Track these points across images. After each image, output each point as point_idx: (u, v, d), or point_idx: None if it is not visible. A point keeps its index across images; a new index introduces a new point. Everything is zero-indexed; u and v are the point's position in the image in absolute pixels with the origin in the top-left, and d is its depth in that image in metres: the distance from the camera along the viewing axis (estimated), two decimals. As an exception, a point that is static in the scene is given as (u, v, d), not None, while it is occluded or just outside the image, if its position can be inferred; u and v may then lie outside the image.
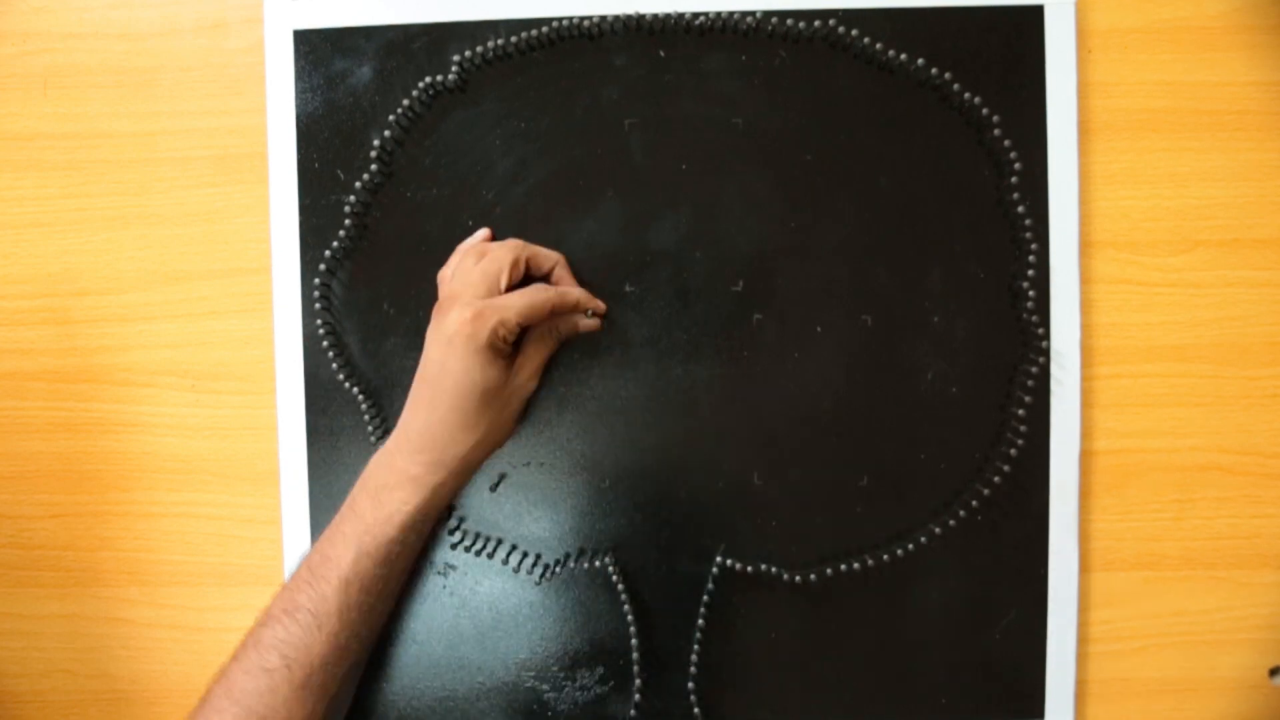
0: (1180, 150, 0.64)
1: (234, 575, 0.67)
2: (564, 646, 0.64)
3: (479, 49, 0.62)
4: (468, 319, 0.54)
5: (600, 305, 0.62)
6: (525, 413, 0.63)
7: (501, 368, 0.57)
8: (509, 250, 0.59)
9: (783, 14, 0.62)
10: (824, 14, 0.62)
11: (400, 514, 0.56)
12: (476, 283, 0.57)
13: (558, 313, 0.59)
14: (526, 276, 0.60)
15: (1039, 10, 0.62)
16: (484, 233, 0.63)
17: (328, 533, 0.57)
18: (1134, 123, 0.64)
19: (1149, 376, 0.65)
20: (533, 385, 0.60)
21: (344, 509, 0.57)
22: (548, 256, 0.61)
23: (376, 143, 0.63)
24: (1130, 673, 0.66)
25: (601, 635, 0.64)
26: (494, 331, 0.55)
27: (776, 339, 0.63)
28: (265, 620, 0.55)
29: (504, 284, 0.58)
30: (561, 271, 0.61)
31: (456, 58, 0.62)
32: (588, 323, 0.62)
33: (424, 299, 0.63)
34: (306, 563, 0.56)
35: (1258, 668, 0.65)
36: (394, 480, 0.56)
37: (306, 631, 0.54)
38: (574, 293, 0.60)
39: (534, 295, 0.57)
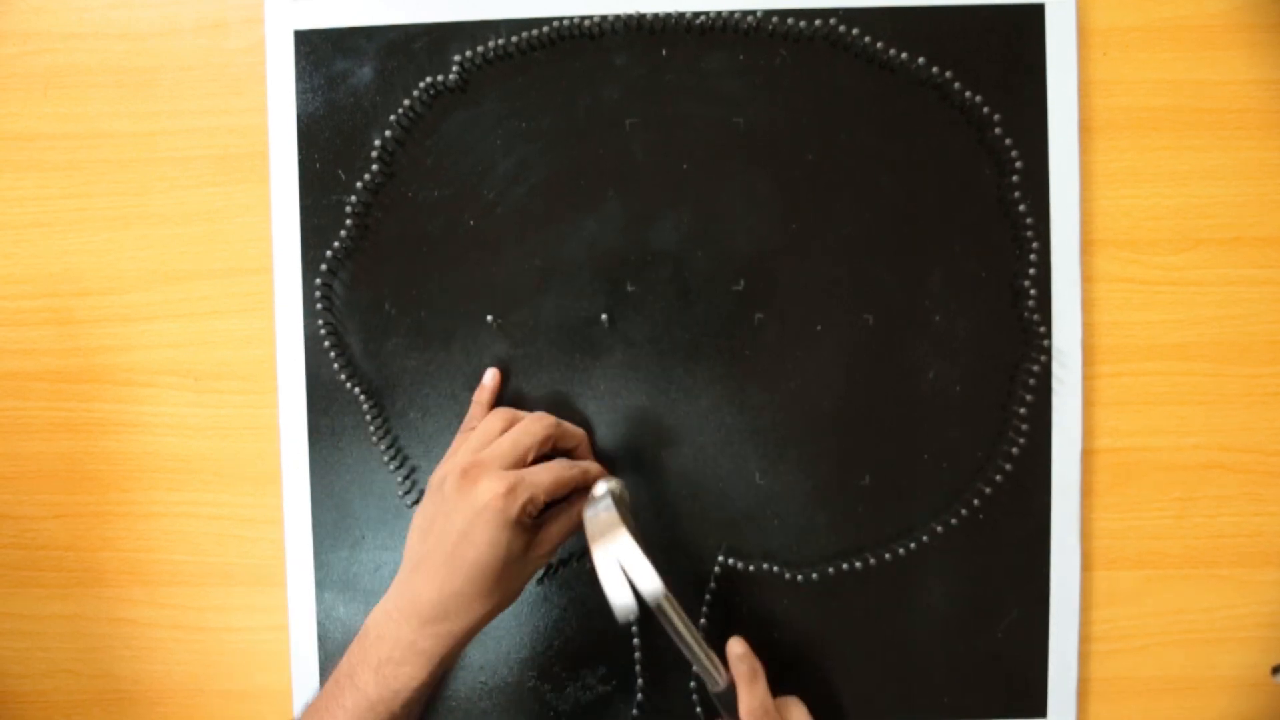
0: (1181, 149, 0.64)
1: (236, 575, 0.67)
2: (566, 646, 0.64)
3: (480, 49, 0.62)
4: (500, 493, 0.52)
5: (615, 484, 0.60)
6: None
7: (525, 541, 0.55)
8: (541, 426, 0.57)
9: (783, 13, 0.62)
10: (825, 13, 0.62)
11: (407, 690, 0.53)
12: (506, 453, 0.55)
13: (579, 490, 0.58)
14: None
15: (1040, 9, 0.62)
16: (496, 377, 0.63)
17: (323, 701, 0.54)
18: (1135, 121, 0.64)
19: (1150, 375, 0.65)
20: (546, 560, 0.58)
21: (340, 678, 0.54)
22: (574, 434, 0.60)
23: (377, 143, 0.63)
24: (1132, 671, 0.66)
25: (604, 635, 0.64)
26: (524, 508, 0.53)
27: (778, 338, 0.63)
28: None
29: (531, 459, 0.56)
30: (584, 450, 0.61)
31: (457, 58, 0.62)
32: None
33: (425, 299, 0.63)
34: None
35: (1260, 666, 0.65)
36: (400, 655, 0.53)
37: None
38: (594, 470, 0.59)
39: (561, 472, 0.56)
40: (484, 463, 0.54)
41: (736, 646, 0.57)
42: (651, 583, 0.50)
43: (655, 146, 0.63)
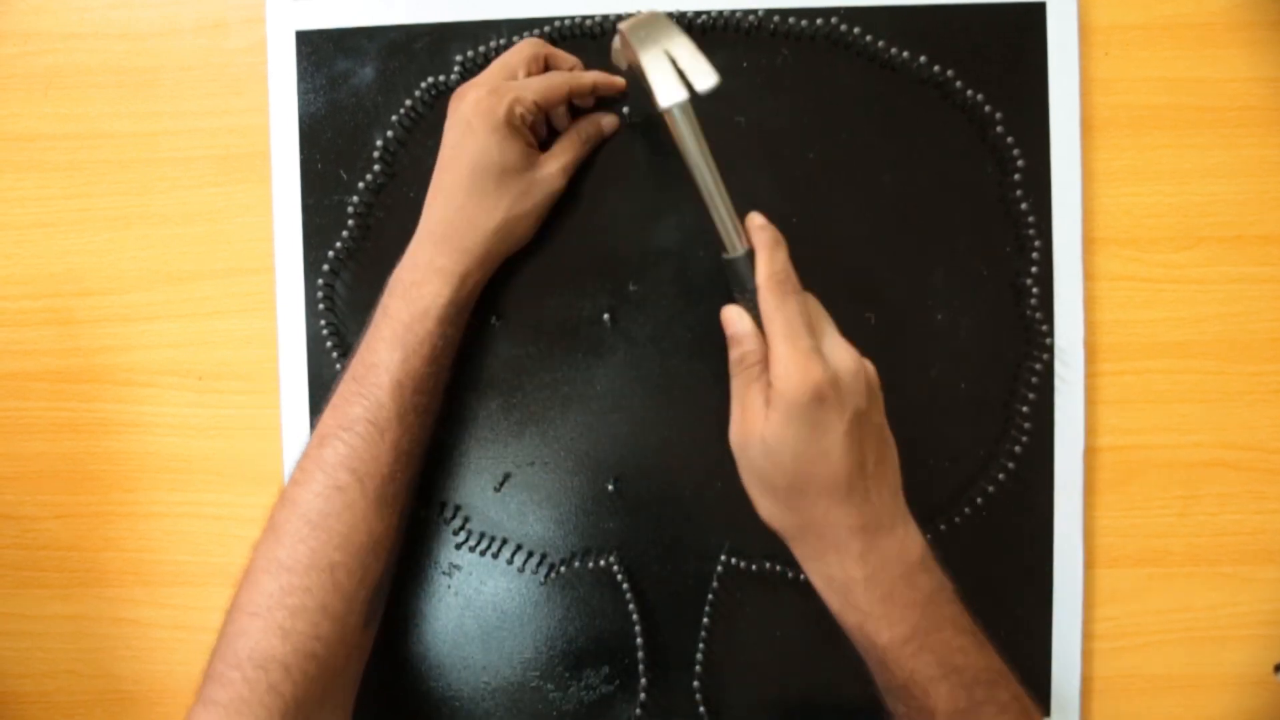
0: (1183, 147, 0.64)
1: (237, 576, 0.66)
2: (569, 646, 0.64)
3: (481, 49, 0.62)
4: (483, 95, 0.54)
5: (619, 83, 0.61)
6: (549, 220, 0.61)
7: (521, 149, 0.55)
8: (528, 45, 0.58)
9: (785, 12, 0.62)
10: (826, 12, 0.62)
11: (435, 306, 0.55)
12: (494, 72, 0.57)
13: (575, 96, 0.59)
14: None
15: (1041, 7, 0.62)
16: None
17: (363, 346, 0.55)
18: (1136, 119, 0.64)
19: (1152, 373, 0.65)
20: (558, 182, 0.59)
21: (375, 319, 0.56)
22: (565, 58, 0.60)
23: (379, 143, 0.63)
24: (1135, 669, 0.66)
25: (606, 634, 0.64)
26: (510, 108, 0.53)
27: (780, 337, 0.63)
28: (320, 441, 0.53)
29: (521, 75, 0.57)
30: (579, 68, 0.61)
31: (459, 57, 0.62)
32: (609, 120, 0.62)
33: (427, 298, 0.63)
34: (349, 376, 0.55)
35: (1263, 663, 0.66)
36: (421, 275, 0.55)
37: (369, 443, 0.53)
38: (588, 76, 0.59)
39: (549, 77, 0.57)
40: (472, 83, 0.56)
41: (757, 218, 0.53)
42: (706, 72, 0.47)
43: (657, 145, 0.63)
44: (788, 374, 0.48)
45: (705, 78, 0.47)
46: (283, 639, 0.50)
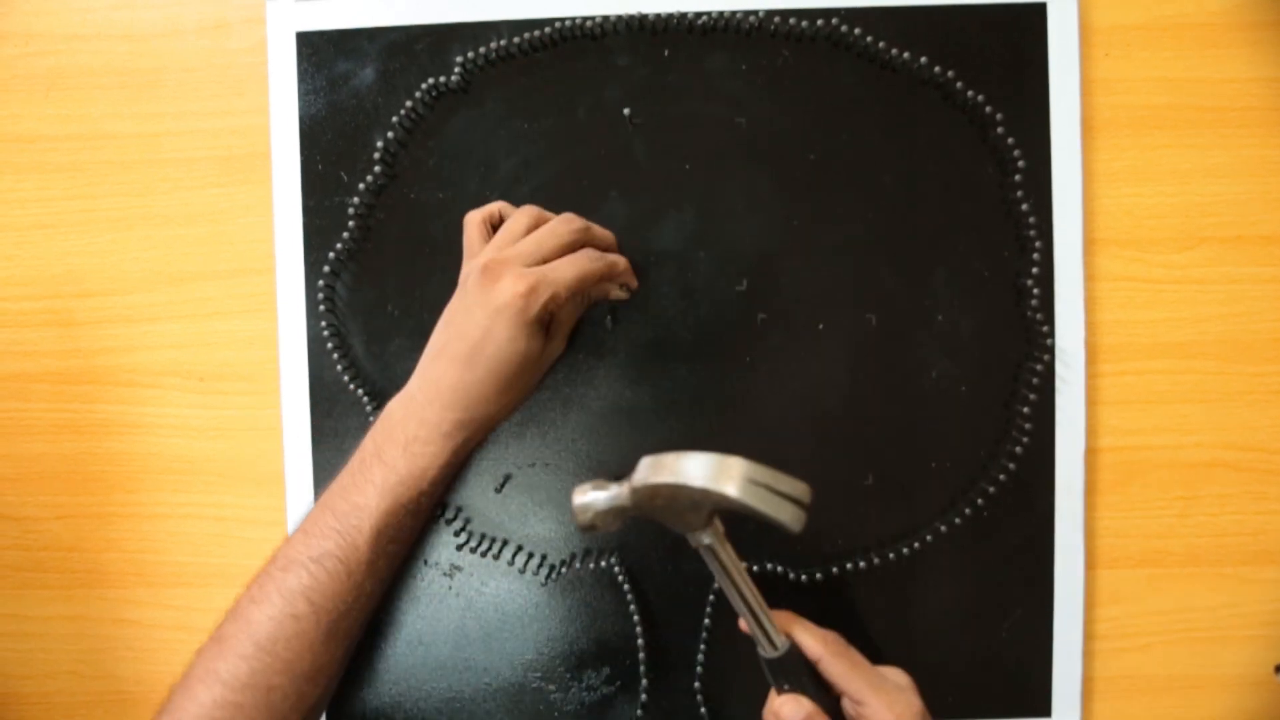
0: (1183, 147, 0.64)
1: (239, 576, 0.66)
2: (570, 647, 0.64)
3: (481, 50, 0.62)
4: (521, 292, 0.53)
5: (634, 282, 0.62)
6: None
7: (543, 337, 0.57)
8: (569, 229, 0.57)
9: (785, 13, 0.62)
10: (827, 13, 0.62)
11: (433, 468, 0.56)
12: (528, 254, 0.56)
13: (603, 280, 0.59)
14: None
15: (1042, 8, 0.62)
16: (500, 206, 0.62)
17: (349, 479, 0.56)
18: (1137, 120, 0.64)
19: (1153, 373, 0.65)
20: (561, 349, 0.61)
21: (367, 457, 0.56)
22: (603, 236, 0.60)
23: (380, 144, 0.63)
24: (1136, 670, 0.66)
25: (607, 636, 0.64)
26: (544, 307, 0.54)
27: (780, 338, 0.63)
28: (285, 565, 0.54)
29: (553, 257, 0.57)
30: (614, 250, 0.61)
31: (459, 59, 0.62)
32: (618, 294, 0.62)
33: (428, 300, 0.63)
34: (327, 509, 0.55)
35: (1263, 664, 0.65)
36: (425, 434, 0.56)
37: (335, 580, 0.53)
38: (622, 262, 0.60)
39: (585, 265, 0.56)
40: (506, 260, 0.55)
41: (792, 618, 0.55)
42: (797, 486, 0.48)
43: (657, 147, 0.63)
44: (886, 714, 0.51)
45: (801, 490, 0.48)
46: None
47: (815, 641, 0.54)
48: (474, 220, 0.60)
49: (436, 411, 0.56)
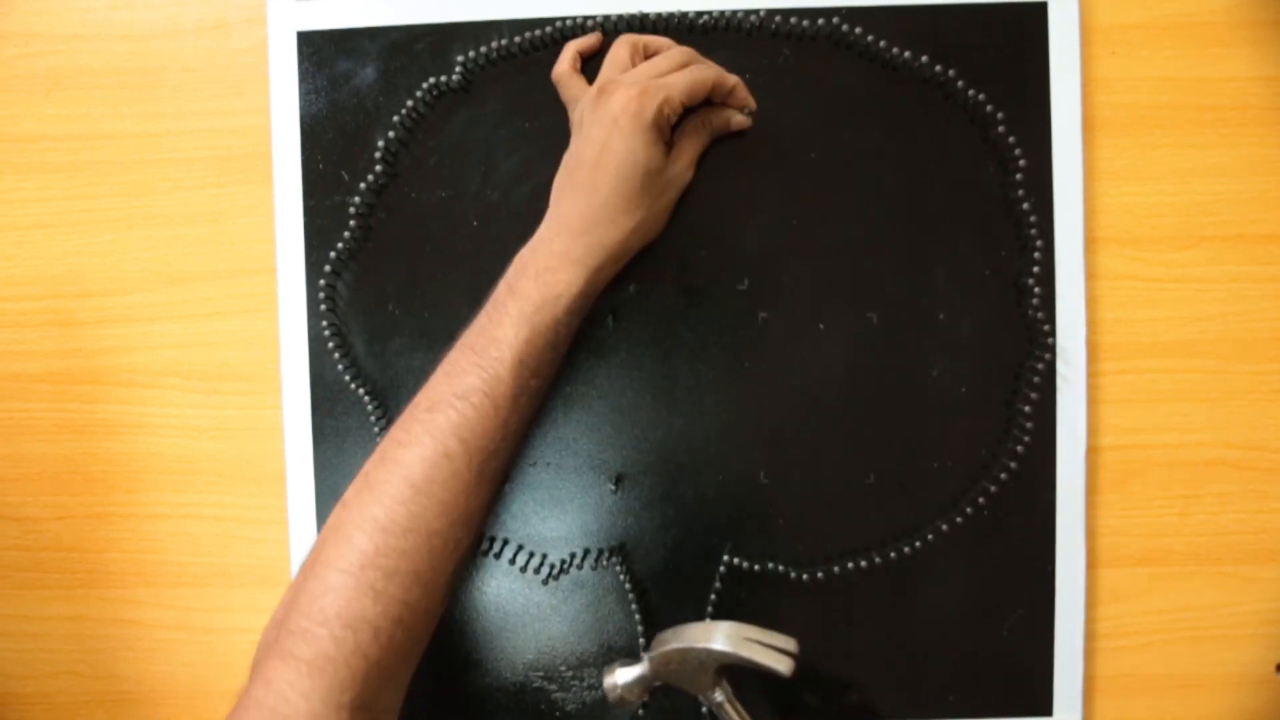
0: (1184, 146, 0.64)
1: (240, 576, 0.67)
2: (571, 646, 0.64)
3: (482, 49, 0.62)
4: (634, 95, 0.53)
5: (752, 102, 0.61)
6: (676, 210, 0.62)
7: (663, 149, 0.56)
8: (679, 51, 0.58)
9: (786, 12, 0.62)
10: (828, 12, 0.62)
11: (568, 295, 0.55)
12: (645, 72, 0.56)
13: (717, 95, 0.59)
14: None
15: (1043, 7, 0.62)
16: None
17: (484, 319, 0.55)
18: (1137, 119, 0.64)
19: (1154, 372, 0.65)
20: (689, 175, 0.59)
21: (500, 295, 0.55)
22: (709, 66, 0.60)
23: (381, 144, 0.63)
24: (1137, 668, 0.66)
25: (609, 635, 0.64)
26: (659, 110, 0.54)
27: (782, 337, 0.63)
28: (430, 406, 0.53)
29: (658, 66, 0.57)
30: (740, 90, 0.61)
31: (460, 58, 0.62)
32: (740, 119, 0.61)
33: (429, 299, 0.63)
34: (466, 346, 0.55)
35: (1264, 663, 0.66)
36: (555, 263, 0.55)
37: (483, 415, 0.52)
38: (732, 78, 0.59)
39: (697, 73, 0.56)
40: (620, 80, 0.55)
41: None
42: (787, 642, 0.55)
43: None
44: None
45: (790, 645, 0.56)
46: (374, 600, 0.49)
47: None
48: (565, 72, 0.60)
49: (564, 240, 0.55)
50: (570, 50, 0.61)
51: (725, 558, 0.64)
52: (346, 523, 0.51)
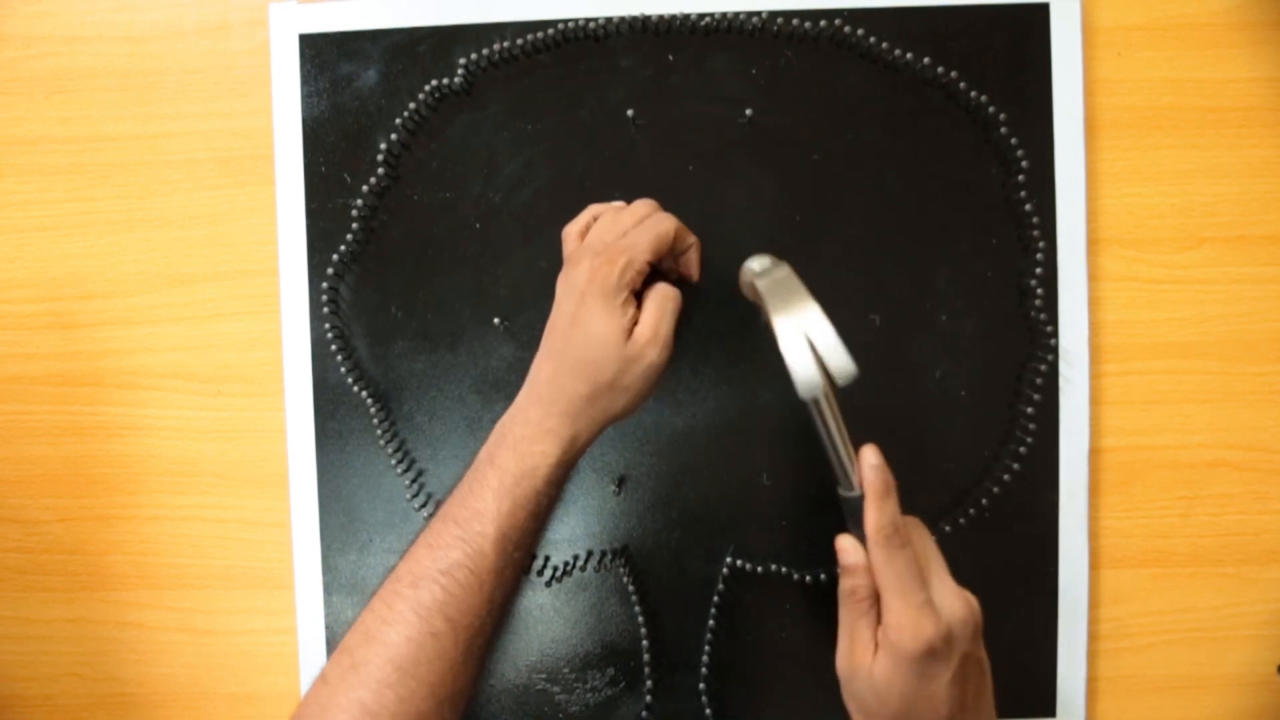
0: (1185, 147, 0.64)
1: (242, 578, 0.67)
2: (575, 648, 0.64)
3: (484, 52, 0.62)
4: (600, 264, 0.52)
5: (697, 274, 0.59)
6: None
7: (631, 314, 0.54)
8: (642, 203, 0.57)
9: (788, 14, 0.62)
10: (830, 14, 0.62)
11: (544, 466, 0.53)
12: (604, 234, 0.55)
13: (678, 247, 0.57)
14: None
15: (1045, 8, 0.62)
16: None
17: (466, 489, 0.54)
18: (1139, 120, 0.64)
19: (1156, 373, 0.65)
20: (663, 353, 0.54)
21: (480, 465, 0.54)
22: (688, 239, 0.58)
23: (383, 146, 0.63)
24: (1139, 669, 0.66)
25: (612, 636, 0.64)
26: (622, 274, 0.52)
27: (784, 339, 0.63)
28: (414, 583, 0.52)
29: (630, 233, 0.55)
30: (693, 253, 0.59)
31: (462, 60, 0.62)
32: (691, 260, 0.59)
33: (431, 302, 0.63)
34: (448, 518, 0.53)
35: (1265, 663, 0.66)
36: (532, 433, 0.54)
37: (468, 592, 0.51)
38: (691, 236, 0.57)
39: (658, 225, 0.55)
40: (586, 245, 0.55)
41: (871, 456, 0.51)
42: (845, 363, 0.48)
43: (661, 148, 0.63)
44: (900, 626, 0.48)
45: (844, 370, 0.48)
46: None
47: (871, 515, 0.50)
48: (570, 234, 0.59)
49: (538, 410, 0.54)
50: (587, 215, 0.59)
51: (728, 559, 0.64)
52: (331, 706, 0.50)
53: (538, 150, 0.63)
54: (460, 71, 0.62)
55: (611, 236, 0.55)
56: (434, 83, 0.63)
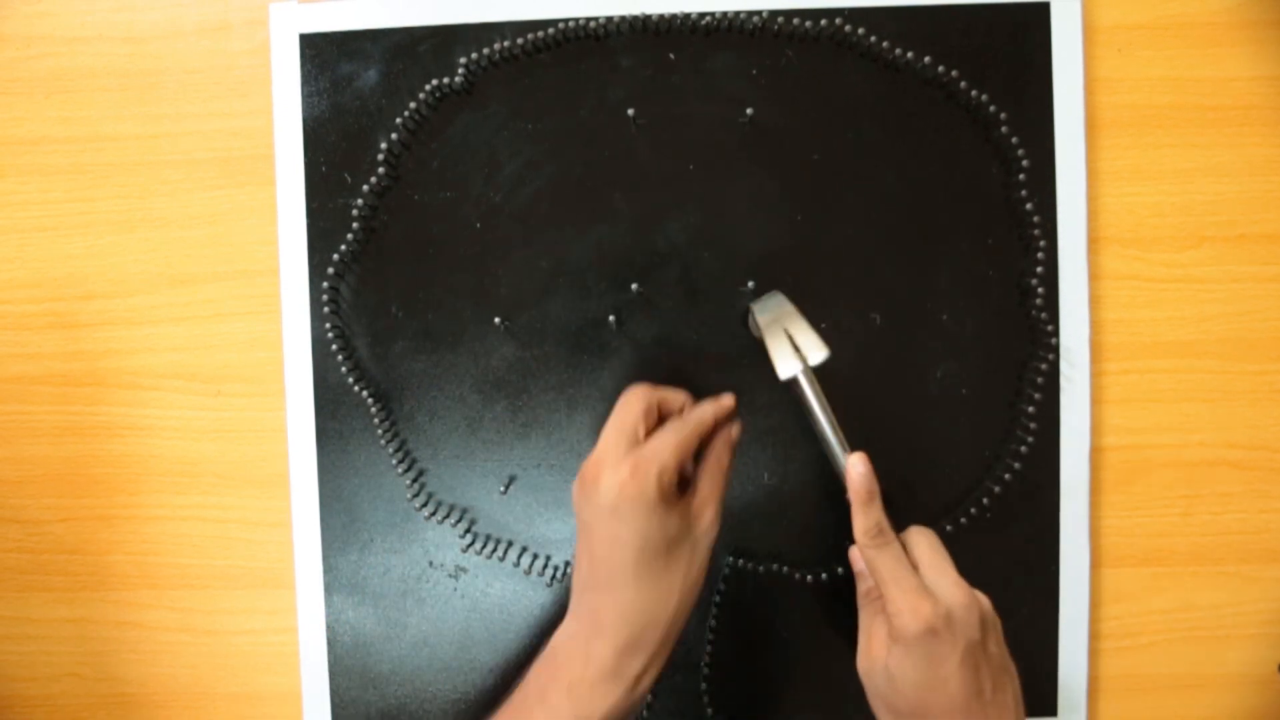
0: (1186, 146, 0.64)
1: (243, 578, 0.67)
2: (575, 647, 0.64)
3: (485, 51, 0.62)
4: (627, 477, 0.49)
5: (728, 404, 0.57)
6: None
7: (677, 515, 0.51)
8: (638, 399, 0.54)
9: (789, 13, 0.62)
10: (830, 13, 0.62)
11: (599, 713, 0.50)
12: (613, 443, 0.52)
13: (703, 436, 0.55)
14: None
15: (1045, 7, 0.62)
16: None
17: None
18: (1140, 119, 0.64)
19: (1157, 372, 0.65)
20: (716, 529, 0.54)
21: (528, 699, 0.53)
22: (673, 398, 0.56)
23: (383, 146, 0.63)
24: (1140, 668, 0.66)
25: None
26: (659, 482, 0.49)
27: (785, 338, 0.63)
28: None
29: (642, 434, 0.52)
30: (689, 405, 0.57)
31: (463, 60, 0.62)
32: (736, 431, 0.58)
33: (432, 302, 0.63)
34: None
35: (1266, 663, 0.66)
36: (591, 675, 0.51)
37: None
38: (708, 410, 0.55)
39: (680, 434, 0.52)
40: (596, 459, 0.52)
41: (858, 464, 0.53)
42: (818, 351, 0.56)
43: (661, 147, 0.63)
44: (899, 612, 0.50)
45: (816, 352, 0.56)
46: None
47: (857, 520, 0.53)
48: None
49: (600, 646, 0.51)
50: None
51: (729, 558, 0.64)
52: None
53: (538, 150, 0.63)
54: (460, 71, 0.62)
55: (616, 443, 0.52)
56: (434, 82, 0.63)
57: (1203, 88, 0.64)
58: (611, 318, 0.63)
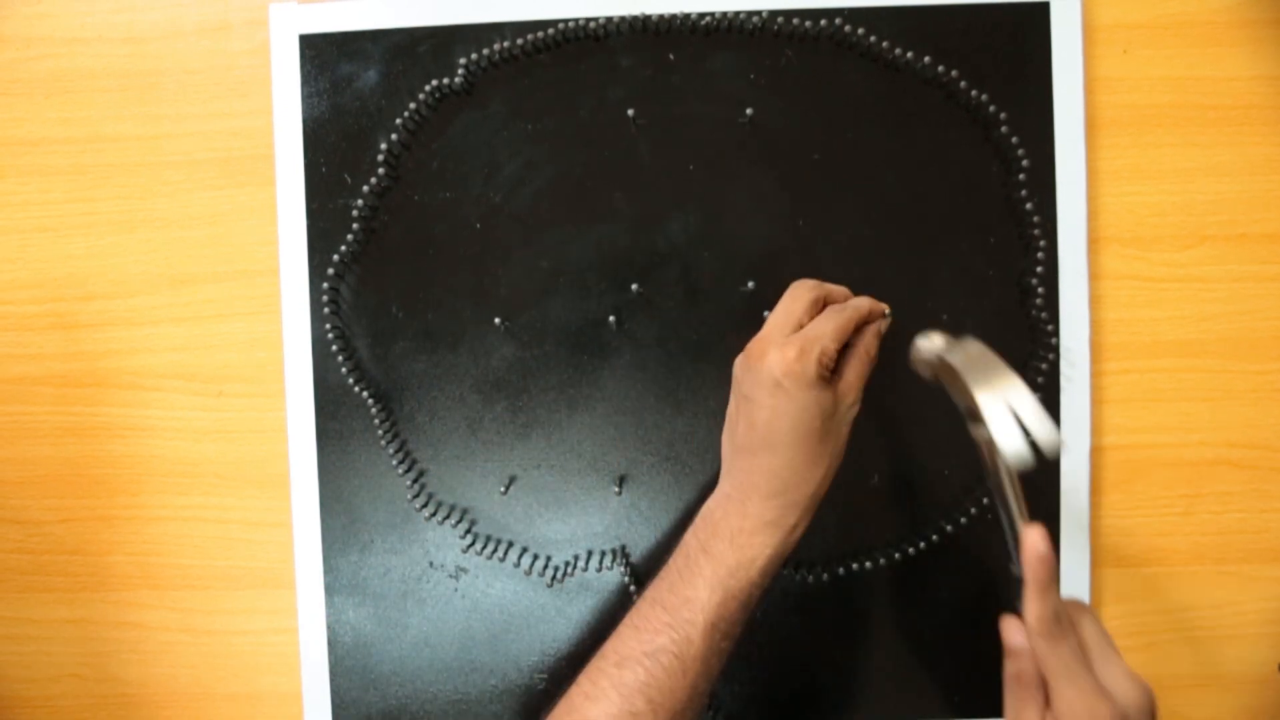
0: (1186, 146, 0.64)
1: (243, 578, 0.67)
2: (576, 648, 0.64)
3: (485, 51, 0.62)
4: (791, 358, 0.52)
5: (885, 305, 0.60)
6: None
7: (830, 396, 0.54)
8: (808, 289, 0.57)
9: (789, 13, 0.62)
10: (830, 13, 0.62)
11: (763, 557, 0.54)
12: (780, 324, 0.55)
13: (860, 325, 0.57)
14: None
15: (1045, 7, 0.62)
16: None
17: (675, 576, 0.55)
18: (1140, 118, 0.64)
19: (1157, 372, 0.65)
20: (857, 408, 0.57)
21: (692, 553, 0.55)
22: (838, 290, 0.59)
23: (383, 146, 0.63)
24: (1139, 668, 0.64)
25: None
26: (819, 362, 0.53)
27: (785, 338, 0.63)
28: (619, 662, 0.53)
29: (806, 321, 0.56)
30: (851, 296, 0.60)
31: (463, 60, 0.62)
32: (883, 325, 0.60)
33: (432, 302, 0.63)
34: (656, 602, 0.54)
35: (1267, 662, 0.66)
36: (750, 525, 0.54)
37: (671, 675, 0.52)
38: (864, 303, 0.58)
39: (837, 316, 0.55)
40: (763, 338, 0.55)
41: (1037, 543, 0.50)
42: (1052, 434, 0.48)
43: (661, 148, 0.63)
44: (1074, 713, 0.48)
45: (1051, 441, 0.48)
46: None
47: (1031, 606, 0.50)
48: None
49: (756, 503, 0.54)
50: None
51: (729, 559, 0.64)
52: None
53: (538, 150, 0.63)
54: (460, 71, 0.62)
55: (783, 325, 0.55)
56: (434, 83, 0.63)
57: (1203, 87, 0.64)
58: (611, 318, 0.63)
